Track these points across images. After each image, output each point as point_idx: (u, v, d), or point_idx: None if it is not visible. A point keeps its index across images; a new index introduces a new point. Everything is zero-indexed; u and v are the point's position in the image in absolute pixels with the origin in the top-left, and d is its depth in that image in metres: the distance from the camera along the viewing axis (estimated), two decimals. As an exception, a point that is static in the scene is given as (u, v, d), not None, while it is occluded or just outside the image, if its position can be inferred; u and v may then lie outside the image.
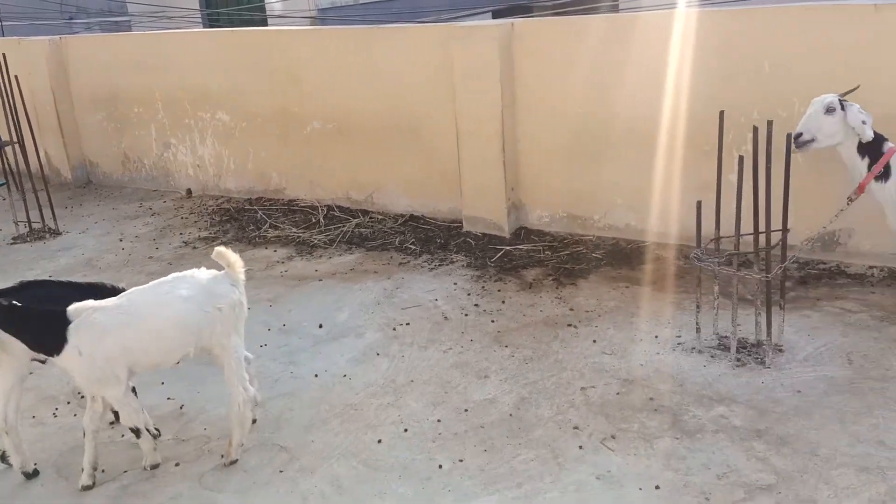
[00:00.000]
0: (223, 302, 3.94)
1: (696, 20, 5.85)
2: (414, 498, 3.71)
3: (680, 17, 5.92)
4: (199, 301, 3.90)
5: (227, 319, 3.95)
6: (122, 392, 3.84)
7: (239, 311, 4.02)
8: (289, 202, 8.13)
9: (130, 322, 3.79)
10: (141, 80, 8.86)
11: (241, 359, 4.05)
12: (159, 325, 3.85)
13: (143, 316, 3.82)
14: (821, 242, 5.75)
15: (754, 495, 3.55)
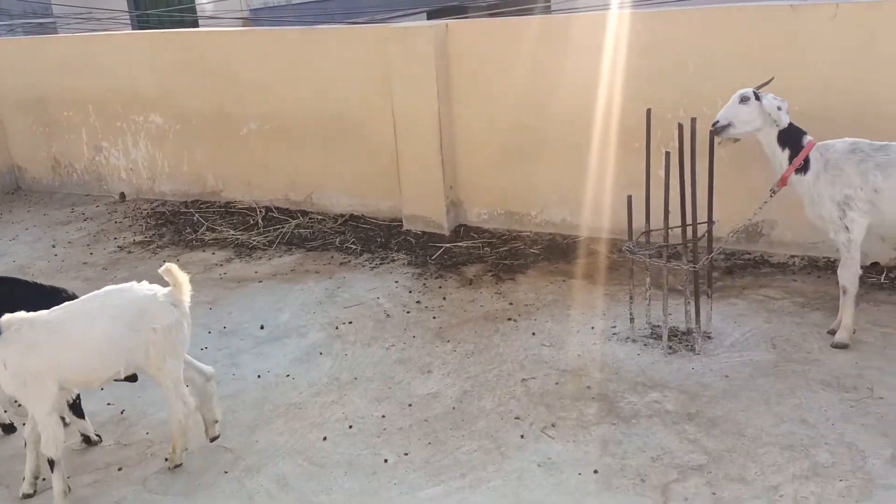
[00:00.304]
0: (158, 322, 3.75)
1: (625, 21, 6.04)
2: (360, 492, 3.77)
3: (610, 19, 6.10)
4: (128, 320, 3.73)
5: (161, 341, 3.77)
6: (46, 411, 3.70)
7: (177, 333, 3.81)
8: (226, 204, 8.08)
9: (57, 338, 3.67)
10: (71, 83, 8.69)
11: (178, 379, 3.87)
12: (86, 343, 3.70)
13: (70, 332, 3.70)
14: (745, 234, 5.99)
15: (687, 475, 3.72)
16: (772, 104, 4.60)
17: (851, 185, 4.47)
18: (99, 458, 4.18)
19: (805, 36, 5.48)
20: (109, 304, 3.78)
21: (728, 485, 3.63)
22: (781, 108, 4.59)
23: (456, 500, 3.67)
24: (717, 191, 4.80)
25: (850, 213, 4.50)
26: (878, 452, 3.75)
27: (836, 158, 4.52)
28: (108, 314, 3.73)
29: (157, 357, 3.80)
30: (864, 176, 4.44)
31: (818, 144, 4.60)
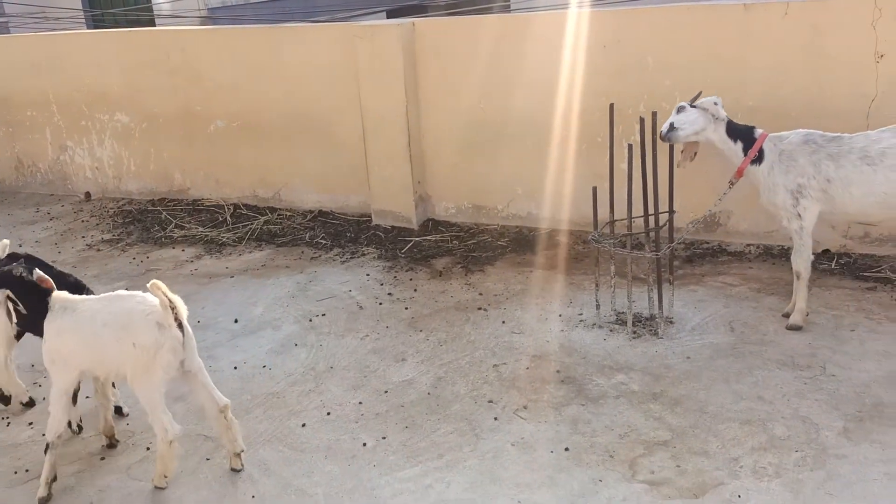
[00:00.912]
0: (138, 339, 3.66)
1: (586, 20, 6.24)
2: (341, 475, 3.90)
3: (571, 17, 6.29)
4: (114, 329, 3.72)
5: (138, 359, 3.67)
6: (60, 391, 3.82)
7: (155, 354, 3.66)
8: (193, 202, 8.13)
9: (76, 328, 3.78)
10: (33, 83, 8.66)
11: (155, 403, 3.72)
12: (88, 341, 3.77)
13: (81, 326, 3.78)
14: (704, 224, 6.23)
15: (653, 450, 3.91)
16: (707, 101, 4.88)
17: (804, 174, 4.70)
18: (82, 448, 4.24)
19: (758, 33, 5.73)
20: (108, 308, 3.80)
21: (691, 458, 3.83)
22: (718, 103, 4.86)
23: (434, 478, 3.81)
24: (678, 183, 5.02)
25: (802, 200, 4.74)
26: (830, 425, 3.98)
27: (790, 149, 4.75)
28: (102, 319, 3.76)
29: (133, 374, 3.71)
30: (816, 166, 4.68)
31: (771, 136, 4.83)
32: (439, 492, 3.73)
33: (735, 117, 5.82)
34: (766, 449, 3.85)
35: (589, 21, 6.22)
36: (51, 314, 3.82)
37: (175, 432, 3.75)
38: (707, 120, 4.88)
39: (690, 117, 4.87)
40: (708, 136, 4.90)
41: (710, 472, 3.73)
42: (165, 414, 3.74)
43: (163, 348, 3.65)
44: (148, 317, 3.67)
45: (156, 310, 3.67)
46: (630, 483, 3.70)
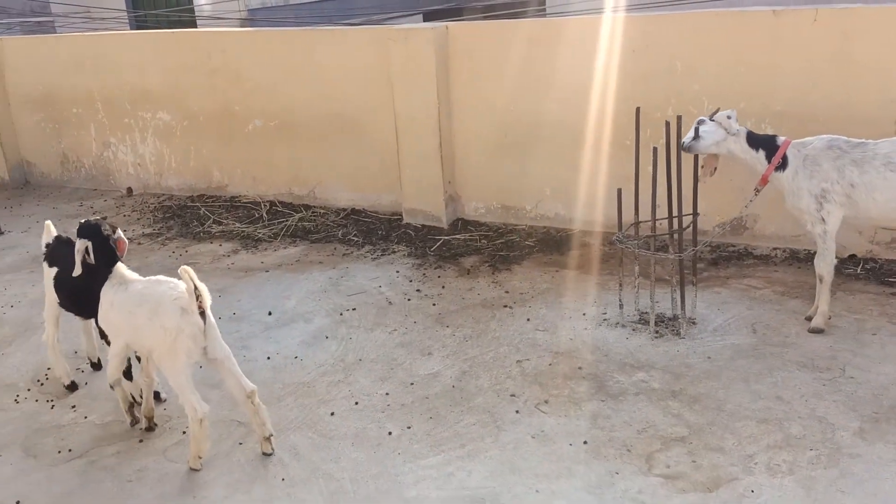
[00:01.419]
0: (165, 323, 3.85)
1: (617, 25, 6.33)
2: (367, 461, 4.05)
3: (602, 22, 6.39)
4: (146, 312, 3.93)
5: (164, 342, 3.86)
6: (113, 351, 4.24)
7: (177, 337, 3.84)
8: (231, 198, 8.36)
9: (121, 305, 4.08)
10: (79, 81, 8.96)
11: (182, 385, 3.91)
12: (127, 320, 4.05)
13: (125, 305, 4.06)
14: (730, 227, 6.29)
15: (670, 445, 4.01)
16: (720, 115, 4.96)
17: (828, 179, 4.76)
18: (122, 431, 4.44)
19: (787, 39, 5.78)
20: (145, 290, 4.04)
21: (707, 454, 3.92)
22: (731, 117, 4.95)
23: (456, 467, 3.95)
24: (706, 187, 5.13)
25: (826, 205, 4.80)
26: (846, 425, 4.05)
27: (815, 154, 4.81)
28: (139, 299, 4.00)
29: (159, 355, 3.94)
30: (840, 171, 4.74)
31: (795, 142, 4.90)
32: (460, 479, 3.86)
33: (763, 122, 5.95)
34: (781, 447, 3.93)
35: (618, 26, 6.32)
36: (108, 283, 4.16)
37: (203, 411, 3.92)
38: (724, 132, 4.97)
39: (708, 128, 4.96)
40: (728, 147, 4.98)
41: (725, 467, 3.82)
42: (193, 394, 3.93)
43: (183, 333, 3.83)
44: (174, 301, 3.86)
45: (183, 296, 3.85)
46: (646, 476, 3.80)
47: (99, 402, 4.74)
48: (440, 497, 3.76)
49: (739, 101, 5.97)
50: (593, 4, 19.59)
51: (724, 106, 5.96)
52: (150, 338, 3.94)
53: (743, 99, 5.97)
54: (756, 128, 5.94)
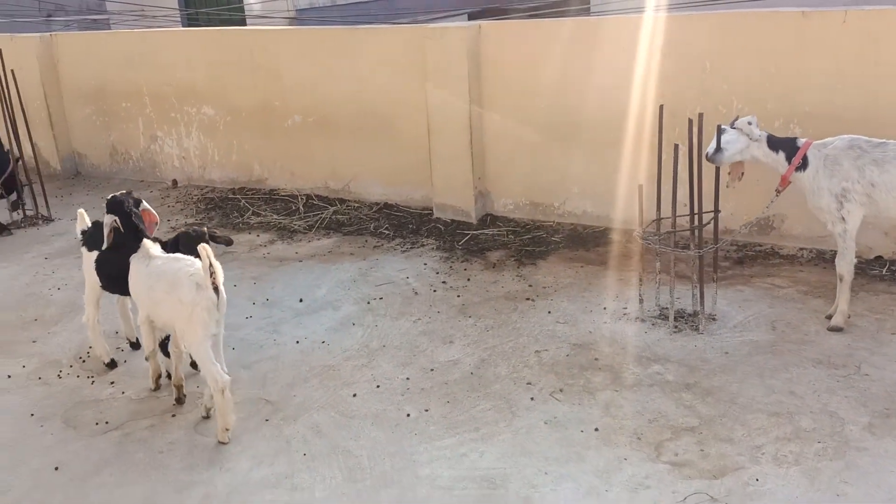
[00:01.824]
0: (183, 297, 4.12)
1: (647, 24, 6.41)
2: (385, 440, 4.22)
3: (632, 22, 6.48)
4: (164, 286, 4.23)
5: (182, 315, 4.15)
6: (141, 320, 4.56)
7: (193, 310, 4.08)
8: (270, 192, 8.61)
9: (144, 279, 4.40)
10: (129, 76, 9.30)
11: (202, 357, 4.14)
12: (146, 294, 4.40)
13: (145, 278, 4.39)
14: (757, 227, 6.33)
15: (679, 434, 4.10)
16: (741, 122, 5.03)
17: (849, 178, 4.80)
18: (156, 406, 4.68)
19: (815, 40, 5.81)
20: (165, 266, 4.34)
21: (716, 443, 4.01)
22: (752, 123, 5.00)
23: (469, 448, 4.10)
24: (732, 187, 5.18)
25: (846, 204, 4.84)
26: (856, 420, 4.10)
27: (835, 154, 4.86)
28: (159, 275, 4.31)
29: (180, 328, 4.25)
30: (861, 170, 4.78)
31: (815, 143, 4.94)
32: (473, 460, 4.01)
33: (791, 122, 5.99)
34: (789, 439, 4.00)
35: (649, 25, 6.40)
36: (135, 257, 4.45)
37: (224, 381, 4.15)
38: (747, 139, 5.02)
39: (730, 137, 5.01)
40: (752, 153, 5.03)
41: (733, 457, 3.91)
42: (214, 365, 4.16)
43: (198, 307, 4.10)
44: (190, 277, 4.15)
45: (198, 272, 4.12)
46: (654, 463, 3.91)
47: (136, 379, 4.99)
48: (452, 476, 3.91)
49: (767, 102, 6.03)
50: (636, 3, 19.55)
51: (753, 105, 6.06)
52: (168, 311, 4.25)
53: (771, 99, 6.02)
54: (784, 128, 6.00)
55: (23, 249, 7.46)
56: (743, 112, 6.08)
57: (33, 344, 5.52)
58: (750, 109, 6.07)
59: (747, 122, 5.00)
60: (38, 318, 5.92)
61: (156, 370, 4.76)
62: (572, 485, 3.79)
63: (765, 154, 5.02)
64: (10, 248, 7.55)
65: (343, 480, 3.92)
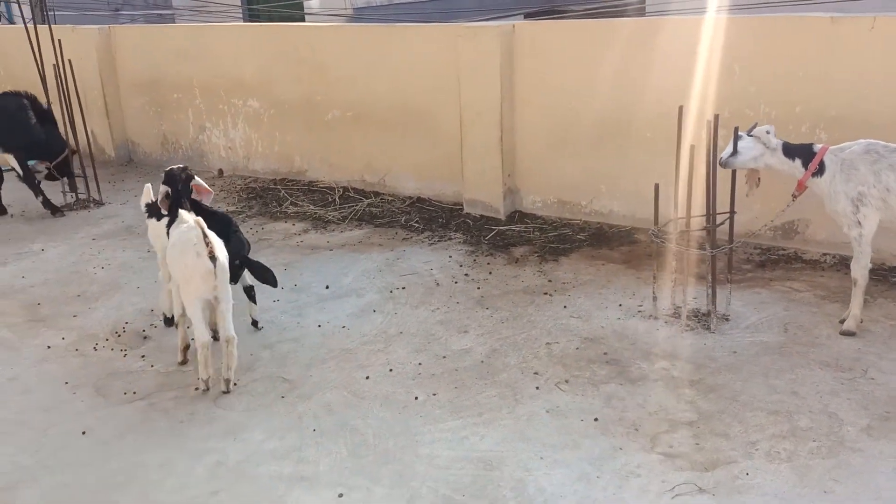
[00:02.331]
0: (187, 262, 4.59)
1: (677, 26, 6.49)
2: (392, 420, 4.41)
3: (661, 24, 6.56)
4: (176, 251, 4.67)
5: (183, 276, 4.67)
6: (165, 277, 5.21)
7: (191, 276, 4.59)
8: (309, 183, 8.87)
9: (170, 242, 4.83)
10: (181, 69, 9.67)
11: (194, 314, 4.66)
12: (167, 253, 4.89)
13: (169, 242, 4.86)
14: (781, 231, 6.35)
15: (676, 427, 4.20)
16: (759, 130, 5.07)
17: (865, 182, 4.82)
18: (181, 380, 4.94)
19: (844, 46, 5.81)
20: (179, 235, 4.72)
21: (712, 438, 4.10)
22: (770, 132, 5.04)
23: (471, 432, 4.26)
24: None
25: (862, 208, 4.86)
26: (855, 422, 4.14)
27: (852, 158, 4.88)
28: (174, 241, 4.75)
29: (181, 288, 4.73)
30: (877, 175, 4.80)
31: (832, 148, 4.97)
32: (473, 443, 4.17)
33: (818, 127, 6.01)
34: (785, 437, 4.06)
35: (678, 27, 6.46)
36: (173, 225, 4.93)
37: (202, 340, 4.64)
38: (763, 147, 5.07)
39: (747, 144, 5.07)
40: (766, 161, 5.08)
41: (726, 451, 3.99)
42: (200, 325, 4.63)
43: (196, 272, 4.53)
44: (194, 246, 4.55)
45: (201, 242, 4.52)
46: (648, 453, 4.01)
47: (165, 353, 5.26)
48: (450, 456, 4.07)
49: (795, 106, 6.05)
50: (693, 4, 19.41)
51: (780, 109, 6.10)
52: (176, 272, 4.70)
53: (798, 103, 6.03)
54: (810, 133, 6.01)
55: (73, 230, 7.85)
56: (769, 116, 6.12)
57: (74, 318, 5.85)
58: (777, 113, 6.11)
59: (765, 132, 5.04)
60: (80, 295, 6.26)
61: (183, 339, 5.06)
62: (565, 470, 3.92)
63: (780, 162, 5.06)
64: (63, 228, 7.95)
65: (347, 455, 4.12)
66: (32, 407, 4.70)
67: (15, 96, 8.28)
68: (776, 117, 6.08)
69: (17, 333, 5.65)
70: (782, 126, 6.08)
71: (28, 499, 3.90)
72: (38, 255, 7.18)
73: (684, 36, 6.41)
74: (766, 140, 5.02)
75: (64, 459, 4.19)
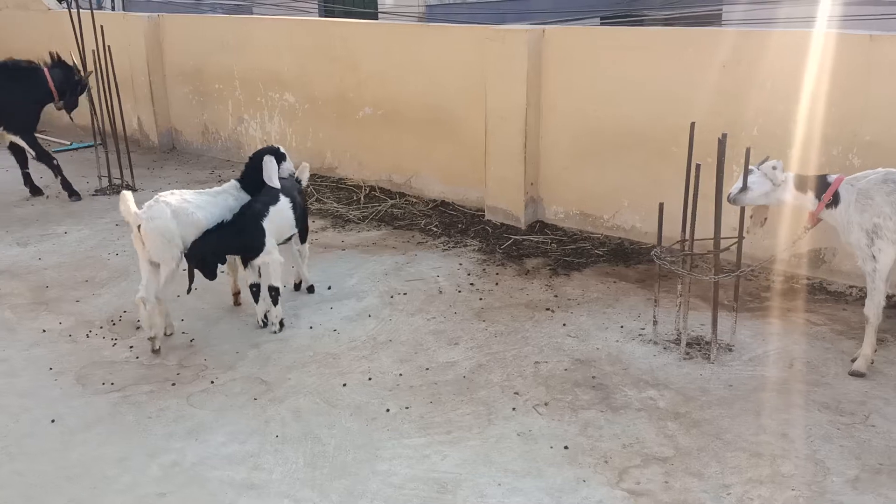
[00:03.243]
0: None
1: (708, 38, 6.19)
2: (357, 432, 4.29)
3: (693, 35, 6.26)
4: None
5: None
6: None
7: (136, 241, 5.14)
8: (338, 180, 8.83)
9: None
10: (223, 60, 9.76)
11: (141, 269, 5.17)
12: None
13: None
14: (807, 259, 6.00)
15: (649, 462, 3.97)
16: (766, 166, 4.75)
17: (880, 214, 4.49)
18: (160, 373, 4.93)
19: (882, 65, 5.44)
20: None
21: (684, 477, 3.86)
22: (777, 168, 4.71)
23: (434, 450, 4.11)
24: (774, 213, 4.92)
25: (877, 241, 4.52)
26: (842, 472, 3.85)
27: (868, 188, 4.55)
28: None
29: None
30: (894, 206, 4.46)
31: (848, 178, 4.64)
32: (433, 462, 4.02)
33: (850, 152, 5.67)
34: (762, 482, 3.80)
35: (711, 39, 6.17)
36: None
37: (140, 294, 5.04)
38: (770, 183, 4.75)
39: (757, 178, 4.75)
40: (777, 197, 4.76)
41: (696, 493, 3.75)
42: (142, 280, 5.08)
43: (135, 238, 5.09)
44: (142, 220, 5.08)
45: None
46: (612, 488, 3.80)
47: (154, 346, 5.27)
48: (407, 475, 3.93)
49: (827, 127, 5.71)
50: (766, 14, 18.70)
51: (811, 130, 5.77)
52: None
53: (831, 125, 5.68)
54: (842, 157, 5.67)
55: (99, 215, 7.98)
56: (799, 136, 5.79)
57: (76, 303, 5.92)
58: (807, 134, 5.77)
59: (772, 167, 4.70)
60: (88, 280, 6.34)
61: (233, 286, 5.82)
62: (520, 499, 3.74)
63: (793, 196, 4.74)
64: (89, 212, 8.09)
65: (303, 465, 4.02)
66: (12, 391, 4.75)
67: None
68: (807, 138, 5.75)
69: (18, 315, 5.75)
70: (812, 149, 5.75)
71: (-20, 485, 3.93)
72: (59, 238, 7.31)
73: (716, 48, 6.12)
74: (772, 176, 4.69)
75: (27, 447, 4.21)
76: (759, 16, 18.81)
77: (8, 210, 8.21)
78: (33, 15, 12.00)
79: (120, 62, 9.42)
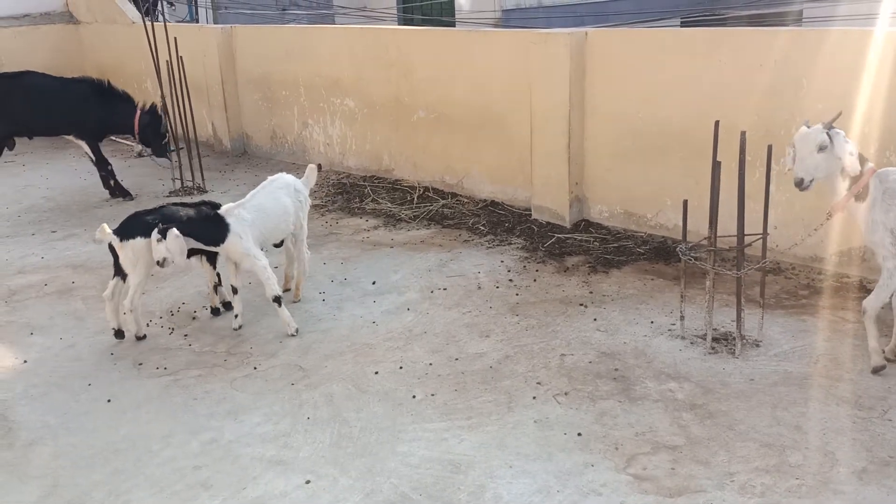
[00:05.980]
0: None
1: (747, 38, 6.21)
2: (383, 416, 4.55)
3: (733, 35, 6.30)
4: None
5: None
6: None
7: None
8: (394, 182, 9.14)
9: None
10: (289, 67, 10.21)
11: None
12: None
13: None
14: (847, 256, 5.96)
15: (658, 450, 4.09)
16: (843, 149, 4.48)
17: (906, 213, 4.47)
18: (209, 360, 5.30)
19: (920, 61, 5.39)
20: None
21: (690, 465, 3.97)
22: (853, 154, 4.48)
23: (452, 434, 4.33)
24: (798, 206, 4.94)
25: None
26: (851, 463, 3.89)
27: (895, 187, 4.53)
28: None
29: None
30: (921, 207, 4.43)
31: (878, 172, 4.62)
32: (450, 445, 4.24)
33: (887, 150, 5.61)
34: (767, 471, 3.87)
35: (749, 39, 6.19)
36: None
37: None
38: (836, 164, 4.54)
39: (826, 163, 4.54)
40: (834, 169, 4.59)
41: (699, 479, 3.86)
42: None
43: None
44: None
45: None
46: (618, 473, 3.94)
47: (206, 335, 5.66)
48: (424, 456, 4.16)
49: (863, 126, 5.67)
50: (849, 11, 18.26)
51: (847, 129, 5.68)
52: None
53: (867, 123, 5.65)
54: (879, 155, 5.62)
55: (169, 215, 8.48)
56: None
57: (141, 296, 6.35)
58: (845, 131, 5.72)
59: (849, 153, 4.45)
60: (154, 274, 6.77)
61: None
62: (528, 481, 3.92)
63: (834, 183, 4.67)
64: (161, 213, 8.60)
65: (329, 445, 4.30)
66: (76, 374, 5.19)
67: (79, 83, 9.20)
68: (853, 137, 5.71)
69: (88, 305, 6.24)
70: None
71: (41, 454, 4.35)
72: (132, 236, 7.83)
73: (753, 47, 6.15)
74: (848, 162, 4.47)
75: (83, 423, 4.63)
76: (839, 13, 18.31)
77: (88, 211, 8.83)
78: (119, 28, 12.77)
79: (195, 71, 9.99)
